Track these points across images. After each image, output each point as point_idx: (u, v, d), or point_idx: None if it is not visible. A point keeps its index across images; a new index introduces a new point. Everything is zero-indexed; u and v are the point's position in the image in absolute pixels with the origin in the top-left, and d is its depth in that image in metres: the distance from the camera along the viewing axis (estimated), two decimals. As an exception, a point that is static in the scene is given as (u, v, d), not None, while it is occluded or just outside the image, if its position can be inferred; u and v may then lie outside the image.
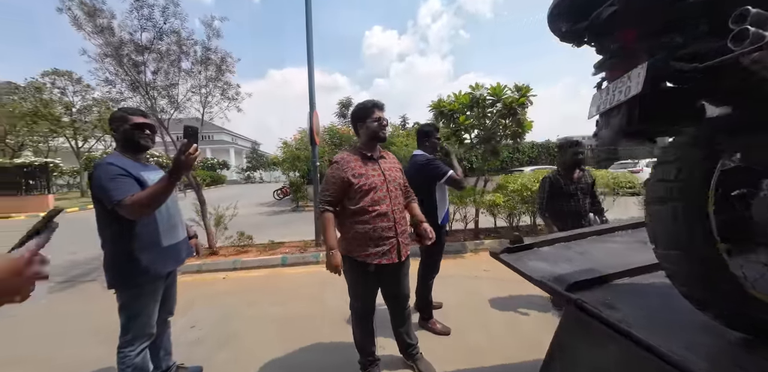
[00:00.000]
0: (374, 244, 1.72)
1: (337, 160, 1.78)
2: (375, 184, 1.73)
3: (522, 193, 4.77)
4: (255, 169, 36.58)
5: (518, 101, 4.26)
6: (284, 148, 11.72)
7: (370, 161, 1.81)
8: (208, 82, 4.62)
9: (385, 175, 1.79)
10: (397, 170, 1.92)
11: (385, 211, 1.73)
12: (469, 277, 3.67)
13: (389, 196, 1.77)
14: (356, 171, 1.73)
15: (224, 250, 4.82)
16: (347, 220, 1.76)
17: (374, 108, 1.79)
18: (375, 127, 1.77)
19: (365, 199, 1.70)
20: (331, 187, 1.74)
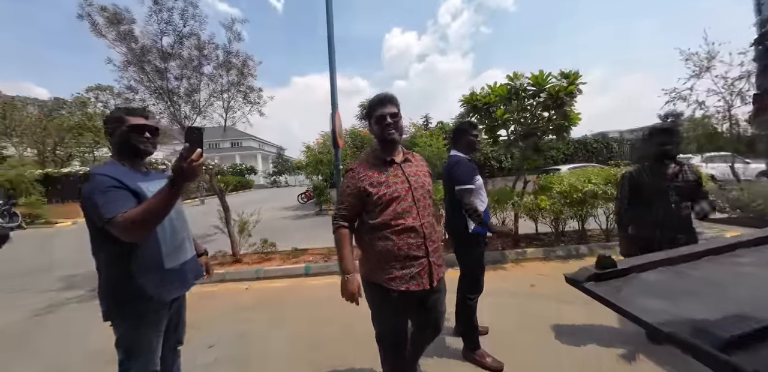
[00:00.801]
0: (400, 266, 1.40)
1: (353, 167, 1.52)
2: (398, 194, 1.42)
3: (571, 195, 4.21)
4: (281, 174, 37.52)
5: (566, 90, 3.74)
6: (307, 152, 11.67)
7: (392, 166, 1.51)
8: (231, 86, 4.50)
9: (410, 181, 1.47)
10: (425, 175, 1.59)
11: (412, 225, 1.41)
12: (515, 294, 3.20)
13: (416, 206, 1.45)
14: (374, 179, 1.44)
15: (248, 257, 4.65)
16: (366, 237, 1.47)
17: (377, 105, 1.48)
18: (376, 128, 1.49)
19: (387, 212, 1.41)
20: (346, 199, 1.47)
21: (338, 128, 4.48)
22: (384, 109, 1.45)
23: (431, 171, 1.72)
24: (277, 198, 19.79)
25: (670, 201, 2.02)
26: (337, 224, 1.48)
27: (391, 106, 1.47)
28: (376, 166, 1.49)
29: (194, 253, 1.63)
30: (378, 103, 1.48)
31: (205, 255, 1.82)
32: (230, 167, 29.69)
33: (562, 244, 4.55)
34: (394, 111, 1.46)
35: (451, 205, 2.13)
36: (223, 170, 27.46)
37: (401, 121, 1.51)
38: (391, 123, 1.44)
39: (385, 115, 1.44)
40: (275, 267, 4.16)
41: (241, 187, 26.36)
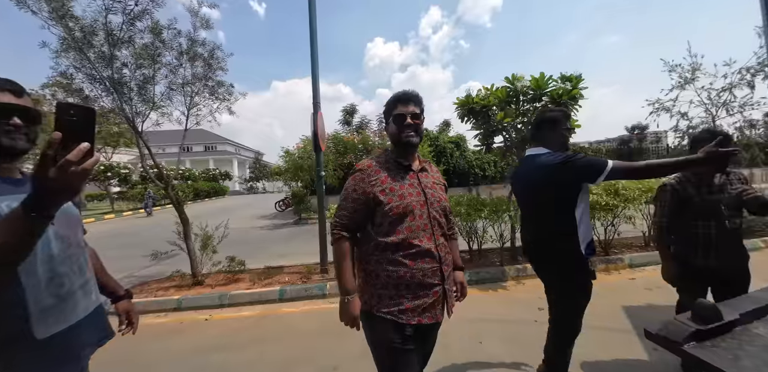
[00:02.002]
0: (412, 296, 1.20)
1: (362, 167, 1.30)
2: (412, 207, 1.22)
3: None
4: (258, 180, 36.08)
5: (570, 93, 3.47)
6: (286, 157, 11.02)
7: (408, 173, 1.30)
8: (196, 79, 3.90)
9: (426, 194, 1.28)
10: (441, 189, 1.40)
11: (428, 248, 1.22)
12: (525, 321, 2.79)
13: (431, 224, 1.25)
14: (388, 185, 1.24)
15: (211, 278, 3.99)
16: (372, 257, 1.24)
17: (398, 102, 1.31)
18: (394, 128, 1.30)
19: (400, 228, 1.20)
20: (350, 204, 1.26)
21: (320, 130, 3.99)
22: (405, 107, 1.28)
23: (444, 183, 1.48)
24: (253, 205, 18.74)
25: (723, 216, 1.70)
26: (338, 234, 1.26)
27: (414, 106, 1.29)
28: (391, 171, 1.28)
29: (99, 304, 1.07)
30: (398, 100, 1.30)
31: (128, 299, 1.26)
32: (202, 172, 28.09)
33: (561, 259, 4.25)
34: (417, 111, 1.29)
35: (553, 219, 1.56)
36: (194, 175, 25.87)
37: (422, 124, 1.33)
38: (411, 124, 1.27)
39: (406, 115, 1.27)
40: (243, 291, 3.53)
41: (214, 194, 24.89)
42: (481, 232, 4.35)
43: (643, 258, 4.18)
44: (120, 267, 5.34)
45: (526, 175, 1.66)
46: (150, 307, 3.49)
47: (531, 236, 1.73)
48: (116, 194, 21.38)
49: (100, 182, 19.98)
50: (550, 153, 1.57)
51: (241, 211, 15.71)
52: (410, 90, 1.31)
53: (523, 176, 1.70)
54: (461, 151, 13.35)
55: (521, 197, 1.77)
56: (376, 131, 13.05)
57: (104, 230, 11.13)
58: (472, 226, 4.30)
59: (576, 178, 1.47)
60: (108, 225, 12.63)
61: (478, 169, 13.72)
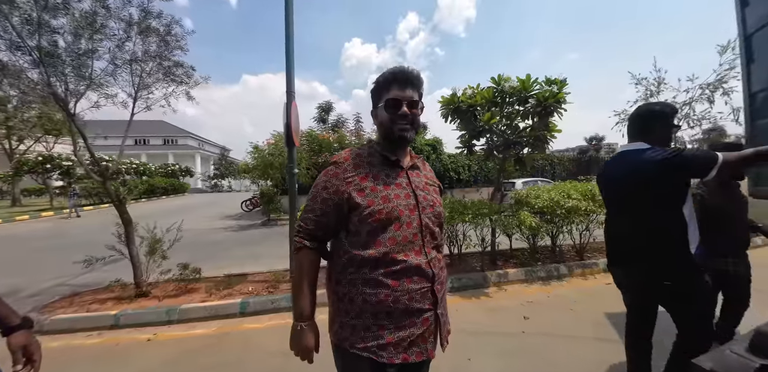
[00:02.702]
0: (395, 326, 0.93)
1: (338, 160, 1.04)
2: (398, 212, 0.96)
3: (554, 210, 3.88)
4: (223, 177, 34.07)
5: (556, 97, 3.40)
6: (255, 153, 10.32)
7: (394, 170, 1.04)
8: (148, 57, 3.37)
9: (417, 196, 1.02)
10: (436, 191, 1.15)
11: (418, 264, 0.96)
12: (513, 334, 2.62)
13: (422, 234, 0.99)
14: (368, 184, 0.98)
15: (159, 289, 3.45)
16: (344, 276, 0.97)
17: (392, 83, 1.01)
18: (384, 117, 1.03)
19: (381, 239, 0.94)
20: (319, 206, 1.00)
21: (294, 123, 3.61)
22: (402, 91, 1.00)
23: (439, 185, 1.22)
24: (217, 204, 17.52)
25: (747, 226, 1.64)
26: (300, 243, 1.01)
27: (412, 90, 1.02)
28: (375, 167, 1.02)
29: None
30: (394, 81, 1.01)
31: (24, 330, 0.92)
32: (160, 167, 25.93)
33: (539, 263, 4.21)
34: (415, 98, 1.02)
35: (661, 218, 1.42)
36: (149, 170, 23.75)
37: (419, 116, 1.05)
38: (407, 114, 1.00)
39: (401, 102, 0.99)
40: (197, 304, 3.05)
41: (172, 191, 23.01)
42: (462, 236, 4.20)
43: (616, 263, 4.25)
44: (51, 273, 4.57)
45: (627, 172, 1.49)
46: (78, 324, 2.91)
47: (629, 237, 1.55)
48: (57, 189, 19.11)
49: (38, 175, 17.74)
50: (654, 149, 1.43)
51: (202, 210, 14.61)
52: (409, 67, 1.01)
53: (622, 173, 1.53)
54: (437, 154, 13.39)
55: (618, 195, 1.60)
56: (352, 131, 12.72)
57: (38, 229, 9.75)
58: (453, 230, 4.13)
59: (688, 173, 1.37)
60: (43, 223, 11.11)
61: (453, 172, 13.84)
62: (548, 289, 3.57)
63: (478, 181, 14.69)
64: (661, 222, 1.42)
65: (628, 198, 1.52)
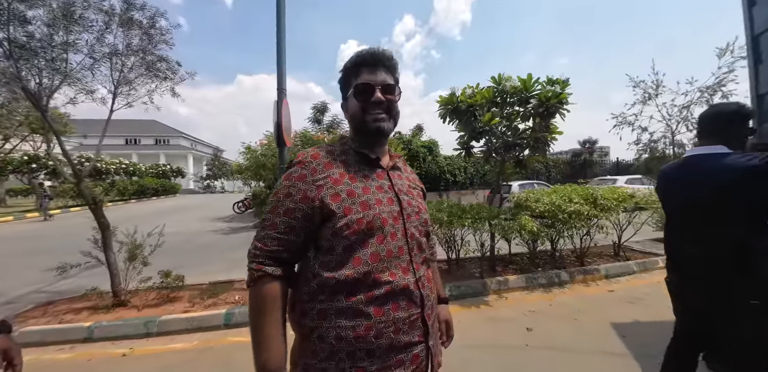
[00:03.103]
0: (378, 367, 0.74)
1: (304, 159, 0.83)
2: (381, 221, 0.78)
3: (555, 215, 3.75)
4: (216, 178, 33.60)
5: (559, 97, 3.28)
6: (247, 153, 10.09)
7: (374, 171, 0.87)
8: (130, 51, 3.17)
9: (401, 201, 0.85)
10: (419, 195, 0.98)
11: (405, 285, 0.78)
12: (515, 346, 2.47)
13: (409, 247, 0.82)
14: (344, 188, 0.79)
15: (138, 298, 3.23)
16: (315, 305, 0.77)
17: (359, 66, 0.86)
18: (354, 106, 0.85)
19: (361, 255, 0.75)
20: (282, 219, 0.78)
21: (285, 121, 3.44)
22: (372, 75, 0.84)
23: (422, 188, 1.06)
24: (208, 206, 17.18)
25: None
26: (260, 271, 0.76)
27: (385, 73, 0.86)
28: (350, 166, 0.85)
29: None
30: (363, 64, 0.85)
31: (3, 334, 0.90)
32: (150, 167, 25.43)
33: (539, 269, 4.08)
34: (390, 82, 0.86)
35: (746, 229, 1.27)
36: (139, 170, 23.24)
37: (397, 103, 0.88)
38: (381, 101, 0.83)
39: (373, 87, 0.83)
40: (178, 315, 2.84)
41: (163, 192, 22.55)
42: (460, 241, 4.06)
43: (618, 268, 4.14)
44: (30, 278, 4.31)
45: (702, 179, 1.35)
46: (50, 336, 2.69)
47: (706, 252, 1.37)
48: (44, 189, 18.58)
49: (23, 175, 17.24)
50: (736, 153, 1.30)
51: (193, 211, 14.29)
52: (379, 48, 0.86)
53: (694, 179, 1.38)
54: (433, 156, 13.28)
55: (689, 204, 1.42)
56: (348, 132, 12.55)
57: (21, 231, 9.39)
58: (450, 235, 3.98)
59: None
60: (27, 225, 10.72)
61: (449, 174, 13.73)
62: (550, 297, 3.43)
63: (474, 183, 14.61)
64: (751, 234, 1.26)
65: (703, 208, 1.36)
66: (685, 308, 1.50)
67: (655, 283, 3.83)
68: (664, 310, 3.04)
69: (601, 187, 4.49)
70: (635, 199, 4.53)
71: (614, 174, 18.21)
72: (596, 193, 4.12)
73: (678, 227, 1.52)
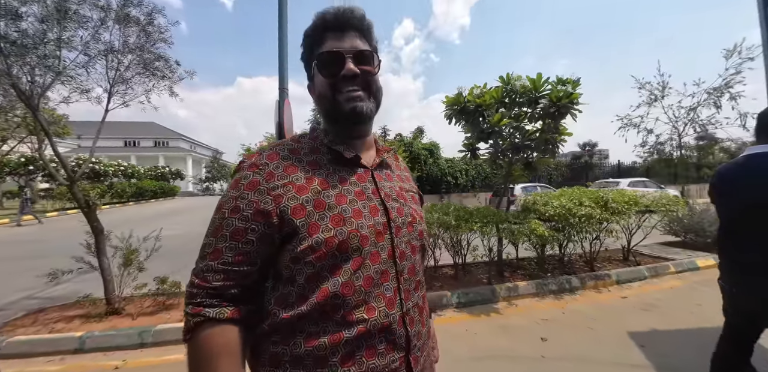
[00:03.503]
0: None
1: (257, 162, 0.63)
2: (361, 240, 0.60)
3: (566, 219, 3.64)
4: (215, 180, 33.46)
5: (571, 97, 3.18)
6: (247, 156, 10.00)
7: (352, 172, 0.68)
8: (127, 49, 3.06)
9: (387, 210, 0.66)
10: (414, 199, 0.78)
11: (388, 323, 0.60)
12: (530, 358, 2.34)
13: (396, 271, 0.64)
14: (309, 196, 0.60)
15: (133, 306, 3.09)
16: (267, 349, 0.59)
17: (323, 31, 0.66)
18: (322, 85, 0.66)
19: (329, 286, 0.57)
20: (230, 245, 0.58)
21: (287, 122, 3.33)
22: (341, 41, 0.64)
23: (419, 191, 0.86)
24: (208, 208, 17.02)
25: None
26: (198, 316, 0.55)
27: (358, 38, 0.66)
28: (321, 168, 0.65)
29: None
30: (325, 30, 0.65)
31: None
32: (149, 170, 25.28)
33: (549, 275, 3.95)
34: (363, 48, 0.66)
35: None
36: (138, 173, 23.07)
37: (377, 76, 0.68)
38: (355, 73, 0.63)
39: (342, 55, 0.63)
40: (174, 325, 2.70)
41: (162, 194, 22.40)
42: (467, 246, 3.94)
43: (629, 274, 4.02)
44: (24, 283, 4.15)
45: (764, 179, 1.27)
46: (39, 347, 2.55)
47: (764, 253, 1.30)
48: (42, 192, 18.44)
49: (20, 177, 17.09)
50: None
51: (191, 214, 14.13)
52: (347, 6, 0.65)
53: (755, 181, 1.30)
54: (434, 159, 13.18)
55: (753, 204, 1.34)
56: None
57: (18, 233, 9.23)
58: (458, 239, 3.86)
59: None
60: (24, 228, 10.54)
61: (451, 177, 13.63)
62: (561, 304, 3.31)
63: (475, 186, 14.50)
64: None
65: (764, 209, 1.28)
66: (737, 310, 1.44)
67: (667, 289, 3.72)
68: (680, 317, 2.91)
69: (611, 190, 4.39)
70: (645, 202, 4.43)
71: (616, 176, 18.16)
72: (607, 196, 4.02)
73: (735, 230, 1.43)
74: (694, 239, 5.35)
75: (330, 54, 0.63)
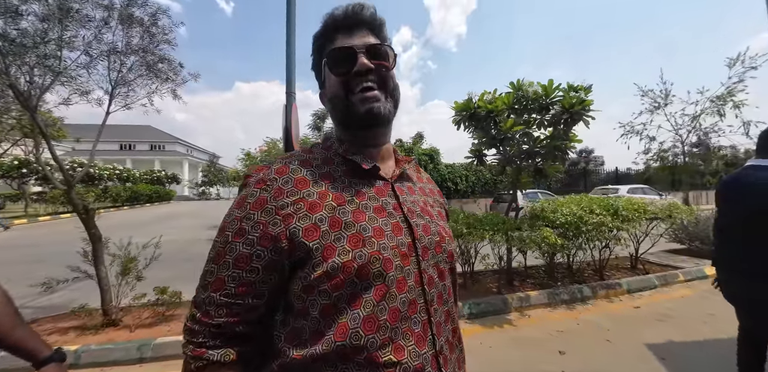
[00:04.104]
0: None
1: (264, 176, 0.55)
2: (384, 265, 0.50)
3: (578, 227, 3.57)
4: (212, 185, 33.15)
5: (584, 103, 3.15)
6: (246, 160, 9.88)
7: (371, 185, 0.60)
8: (130, 50, 2.98)
9: (412, 229, 0.57)
10: (441, 215, 0.70)
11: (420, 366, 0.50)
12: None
13: (426, 298, 0.55)
14: (324, 213, 0.52)
15: (132, 316, 2.95)
16: None
17: (334, 32, 0.59)
18: (334, 84, 0.59)
19: (348, 321, 0.48)
20: (233, 274, 0.51)
21: (294, 126, 3.25)
22: (349, 38, 0.58)
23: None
24: (204, 213, 16.79)
25: None
26: (200, 359, 0.50)
27: (367, 34, 0.60)
28: (336, 181, 0.58)
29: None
30: (337, 28, 0.59)
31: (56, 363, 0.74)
32: (145, 173, 25.00)
33: (559, 284, 3.87)
34: (375, 42, 0.59)
35: None
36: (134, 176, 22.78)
37: (392, 72, 0.61)
38: (369, 68, 0.56)
39: (355, 50, 0.57)
40: (175, 338, 2.56)
41: (157, 198, 22.10)
42: (475, 254, 3.85)
43: (639, 283, 3.95)
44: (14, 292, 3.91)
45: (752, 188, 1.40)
46: (29, 362, 2.39)
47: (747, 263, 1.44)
48: (35, 195, 18.10)
49: (12, 180, 16.77)
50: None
51: (187, 219, 13.92)
52: (357, 4, 0.59)
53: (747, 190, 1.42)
54: (435, 164, 13.16)
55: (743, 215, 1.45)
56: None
57: (9, 238, 8.98)
58: (467, 248, 3.77)
59: None
60: (12, 232, 10.28)
61: (451, 183, 13.59)
62: (575, 315, 3.22)
63: (475, 191, 14.47)
64: None
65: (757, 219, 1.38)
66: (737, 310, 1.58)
67: (678, 299, 3.65)
68: (696, 328, 2.83)
69: (621, 197, 4.34)
70: (654, 209, 4.38)
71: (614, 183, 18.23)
72: (617, 204, 3.97)
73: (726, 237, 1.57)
74: (699, 247, 5.30)
75: (341, 50, 0.58)
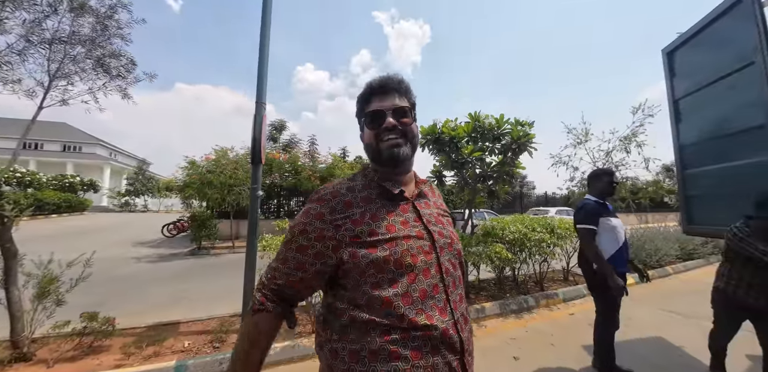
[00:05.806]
0: None
1: (323, 196, 0.81)
2: (412, 258, 0.74)
3: (523, 243, 3.99)
4: (138, 194, 29.17)
5: (528, 136, 3.65)
6: (190, 168, 9.05)
7: (399, 205, 0.84)
8: (77, 41, 2.70)
9: (431, 233, 0.81)
10: (449, 223, 0.94)
11: (444, 329, 0.73)
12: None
13: (444, 284, 0.78)
14: (364, 228, 0.76)
15: (50, 348, 2.43)
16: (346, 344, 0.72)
17: (370, 96, 0.86)
18: (369, 135, 0.85)
19: (390, 296, 0.71)
20: (294, 256, 0.77)
21: (263, 137, 3.20)
22: (382, 101, 0.83)
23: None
24: (129, 227, 14.63)
25: None
26: (261, 304, 0.78)
27: (397, 97, 0.84)
28: (374, 203, 0.81)
29: None
30: (372, 93, 0.85)
31: None
32: (53, 178, 21.15)
33: (508, 295, 4.22)
34: (402, 105, 0.83)
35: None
36: (38, 181, 19.06)
37: (414, 126, 0.86)
38: (394, 125, 0.81)
39: (384, 113, 0.82)
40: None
41: (67, 209, 18.65)
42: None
43: (572, 292, 4.49)
44: None
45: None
46: None
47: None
48: None
49: None
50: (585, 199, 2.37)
51: (108, 234, 12.02)
52: (391, 74, 0.86)
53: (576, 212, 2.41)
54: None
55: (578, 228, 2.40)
56: (306, 152, 12.21)
57: None
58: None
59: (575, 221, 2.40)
60: None
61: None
62: (523, 323, 3.52)
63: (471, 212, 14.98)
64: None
65: None
66: None
67: (602, 306, 4.24)
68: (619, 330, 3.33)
69: (554, 218, 4.98)
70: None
71: (544, 205, 20.57)
72: (553, 223, 4.54)
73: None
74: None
75: (374, 112, 0.82)
